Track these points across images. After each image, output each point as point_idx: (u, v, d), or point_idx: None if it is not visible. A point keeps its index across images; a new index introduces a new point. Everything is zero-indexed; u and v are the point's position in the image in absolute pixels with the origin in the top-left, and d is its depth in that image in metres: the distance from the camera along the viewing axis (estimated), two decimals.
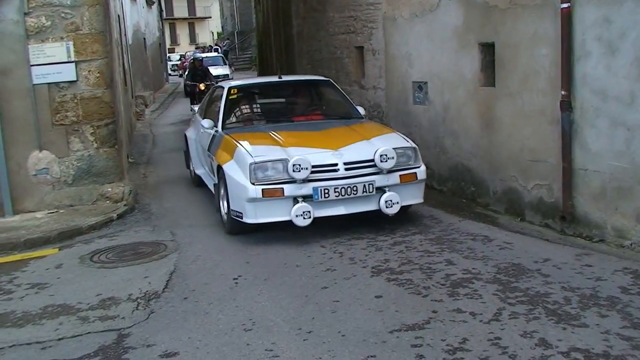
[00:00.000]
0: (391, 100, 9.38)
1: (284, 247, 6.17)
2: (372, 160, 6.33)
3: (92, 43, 8.15)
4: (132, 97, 17.70)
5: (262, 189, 6.11)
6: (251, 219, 6.25)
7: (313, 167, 6.15)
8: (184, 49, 61.87)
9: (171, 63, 47.21)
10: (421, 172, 6.61)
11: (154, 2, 32.17)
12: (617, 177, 5.57)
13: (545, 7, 6.13)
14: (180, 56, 48.88)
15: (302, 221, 6.10)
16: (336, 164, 6.31)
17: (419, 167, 6.62)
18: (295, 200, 6.15)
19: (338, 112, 8.14)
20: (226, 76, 26.68)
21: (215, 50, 41.39)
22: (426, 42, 8.24)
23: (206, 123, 7.79)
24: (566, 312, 4.32)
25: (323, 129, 7.33)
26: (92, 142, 8.30)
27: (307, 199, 6.16)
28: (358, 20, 10.34)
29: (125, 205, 8.11)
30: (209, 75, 17.42)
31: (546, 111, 6.25)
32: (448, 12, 7.70)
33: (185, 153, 9.89)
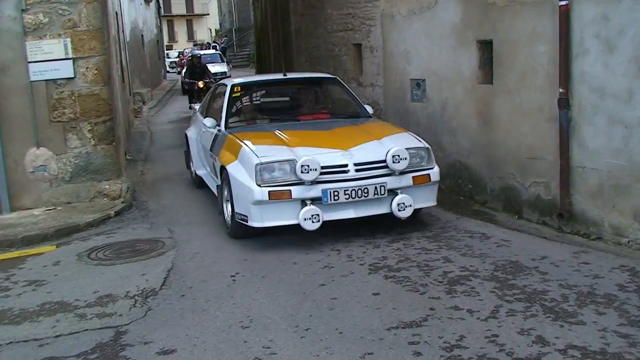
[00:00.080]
0: (389, 97, 9.38)
1: (281, 245, 6.16)
2: (384, 161, 6.08)
3: (89, 40, 8.13)
4: (130, 94, 17.68)
5: (269, 191, 5.85)
6: (257, 223, 5.99)
7: (322, 168, 5.90)
8: (181, 46, 61.79)
9: (169, 60, 47.02)
10: (435, 174, 6.33)
11: None
12: (614, 175, 5.57)
13: (543, 4, 6.13)
14: (179, 53, 48.66)
15: (310, 225, 5.85)
16: (346, 165, 6.04)
17: (432, 168, 6.34)
18: (303, 202, 5.90)
19: (345, 111, 7.89)
20: (224, 74, 26.49)
21: (214, 48, 41.35)
22: (424, 39, 8.24)
23: (208, 122, 7.56)
24: (563, 310, 4.33)
25: (331, 128, 7.05)
26: (89, 139, 8.28)
27: (315, 201, 5.91)
28: (356, 17, 10.34)
29: (122, 203, 8.11)
30: (208, 72, 17.29)
31: (544, 109, 6.25)
32: (446, 10, 7.69)
33: (186, 153, 9.61)
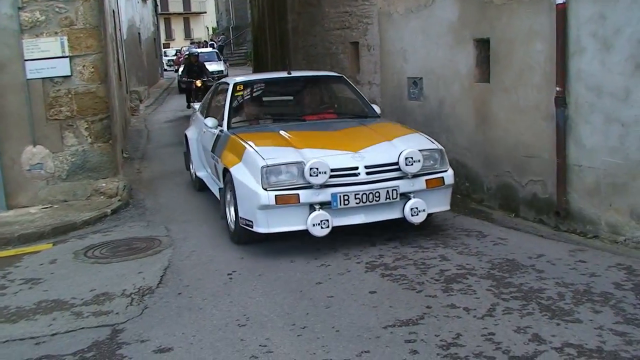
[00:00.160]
0: (386, 95, 9.38)
1: (278, 243, 6.13)
2: (396, 164, 5.79)
3: (86, 38, 8.11)
4: (127, 92, 17.65)
5: (276, 195, 5.54)
6: (263, 228, 5.69)
7: (332, 170, 5.61)
8: (178, 44, 61.66)
9: (167, 58, 46.95)
10: (449, 177, 6.05)
11: None
12: (611, 173, 5.58)
13: (540, 2, 6.13)
14: (176, 51, 48.58)
15: (320, 231, 5.57)
16: (357, 168, 5.75)
17: (446, 170, 6.06)
18: (311, 207, 5.61)
19: (352, 111, 7.61)
20: (220, 72, 26.23)
21: (211, 46, 41.29)
22: (421, 37, 8.24)
23: (210, 122, 7.25)
24: (560, 308, 4.33)
25: (338, 128, 6.76)
26: (86, 137, 8.28)
27: (324, 206, 5.63)
28: (353, 15, 10.34)
29: (119, 201, 8.10)
30: (206, 71, 17.15)
31: (541, 107, 6.25)
32: (443, 8, 7.69)
33: (185, 154, 9.24)
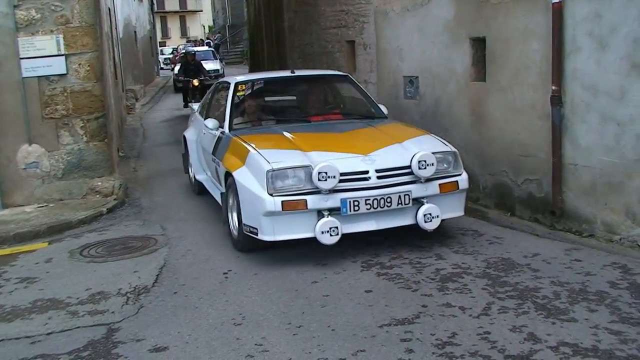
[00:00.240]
0: (382, 94, 9.37)
1: (274, 242, 6.13)
2: (408, 167, 5.52)
3: (82, 36, 8.10)
4: (123, 91, 17.61)
5: (282, 201, 5.26)
6: (268, 236, 5.41)
7: (341, 175, 5.32)
8: (175, 42, 61.58)
9: (164, 57, 46.82)
10: (463, 181, 5.78)
11: None
12: (606, 172, 5.59)
13: (536, 1, 6.13)
14: (173, 49, 48.48)
15: (329, 239, 5.29)
16: (367, 172, 5.46)
17: (460, 174, 5.79)
18: (319, 213, 5.33)
19: (359, 111, 7.31)
20: (216, 71, 26.12)
21: (207, 44, 41.24)
22: (417, 36, 8.24)
23: (210, 123, 6.96)
24: (555, 307, 4.34)
25: (345, 130, 6.50)
26: (82, 135, 8.26)
27: (333, 212, 5.34)
28: (349, 14, 10.33)
29: (115, 200, 8.09)
30: (203, 70, 17.05)
31: (537, 106, 6.26)
32: (439, 7, 7.69)
33: (184, 156, 8.92)
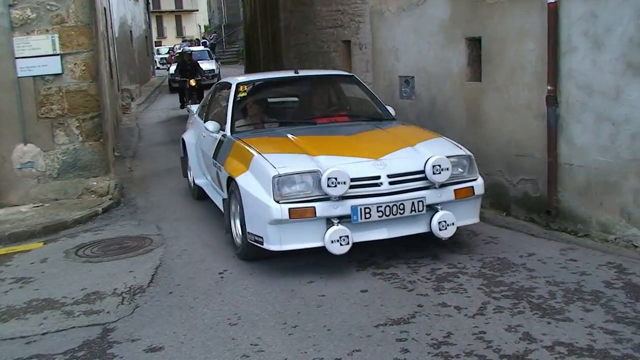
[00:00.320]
0: (378, 94, 9.29)
1: None
2: (422, 172, 5.24)
3: (78, 36, 8.08)
4: (118, 90, 17.60)
5: (289, 209, 4.96)
6: (275, 246, 5.13)
7: (351, 180, 5.03)
8: (170, 42, 61.44)
9: (160, 57, 46.70)
10: (479, 186, 5.51)
11: None
12: (602, 172, 5.60)
13: (532, 1, 6.14)
14: (169, 49, 48.36)
15: (339, 248, 5.02)
16: (379, 177, 5.17)
17: (475, 179, 5.52)
18: (329, 222, 5.06)
19: (366, 113, 7.06)
20: (212, 71, 26.05)
21: (203, 44, 41.18)
22: (413, 36, 8.24)
23: (211, 126, 6.68)
24: (551, 307, 4.34)
25: (353, 133, 6.20)
26: (77, 135, 8.24)
27: (343, 220, 5.07)
28: (345, 14, 10.33)
29: (110, 199, 8.08)
30: (199, 70, 16.88)
31: (532, 106, 6.27)
32: (435, 6, 7.70)
33: (183, 160, 8.60)
